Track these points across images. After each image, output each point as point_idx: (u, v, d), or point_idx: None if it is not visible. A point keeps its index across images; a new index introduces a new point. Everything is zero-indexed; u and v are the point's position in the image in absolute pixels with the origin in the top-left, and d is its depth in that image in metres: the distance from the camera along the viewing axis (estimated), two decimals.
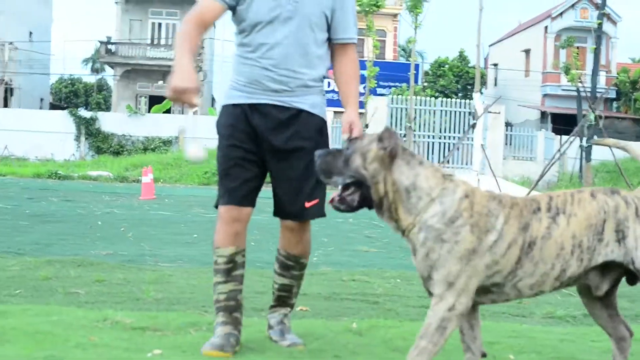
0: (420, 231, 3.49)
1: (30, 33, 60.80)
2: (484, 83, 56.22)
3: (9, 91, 54.83)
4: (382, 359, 4.10)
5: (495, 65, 59.93)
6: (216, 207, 4.28)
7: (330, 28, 4.32)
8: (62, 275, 6.54)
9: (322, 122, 4.34)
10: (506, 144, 36.50)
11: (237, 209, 4.20)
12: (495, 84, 58.93)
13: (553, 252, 3.53)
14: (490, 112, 27.88)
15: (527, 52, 54.44)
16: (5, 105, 53.36)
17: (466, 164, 33.77)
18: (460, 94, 55.00)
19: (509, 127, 39.62)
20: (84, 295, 5.68)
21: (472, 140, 26.47)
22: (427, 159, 33.13)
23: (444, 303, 3.44)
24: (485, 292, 3.57)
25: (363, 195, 3.59)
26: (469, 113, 33.62)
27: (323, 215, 4.34)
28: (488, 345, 4.44)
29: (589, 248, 3.55)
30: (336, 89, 4.43)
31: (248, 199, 4.24)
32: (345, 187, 3.60)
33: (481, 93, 27.34)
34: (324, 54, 4.36)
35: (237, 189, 4.21)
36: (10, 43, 54.00)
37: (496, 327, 5.06)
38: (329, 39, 4.36)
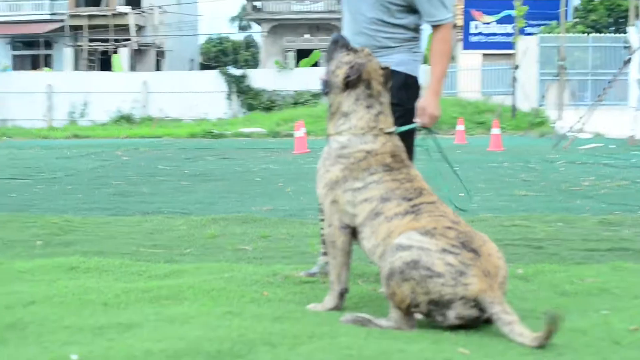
0: (328, 144, 4.09)
1: None
2: (637, 15, 54.24)
3: (160, 54, 56.31)
4: (550, 304, 4.06)
5: None
6: None
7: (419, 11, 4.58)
8: (228, 233, 6.75)
9: (406, 78, 4.55)
10: None
11: None
12: None
13: (381, 233, 3.75)
14: None
15: None
16: (157, 68, 54.87)
17: (622, 100, 32.81)
18: (612, 28, 53.24)
19: None
20: (252, 252, 5.84)
21: (628, 75, 25.62)
22: (581, 97, 32.32)
23: (325, 222, 4.07)
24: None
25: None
26: (624, 47, 32.56)
27: None
28: None
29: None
30: (483, 31, 4.62)
31: None
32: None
33: (635, 25, 26.38)
34: (406, 22, 4.63)
35: None
36: (159, 7, 55.34)
37: None
38: None
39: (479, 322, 3.47)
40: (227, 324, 3.51)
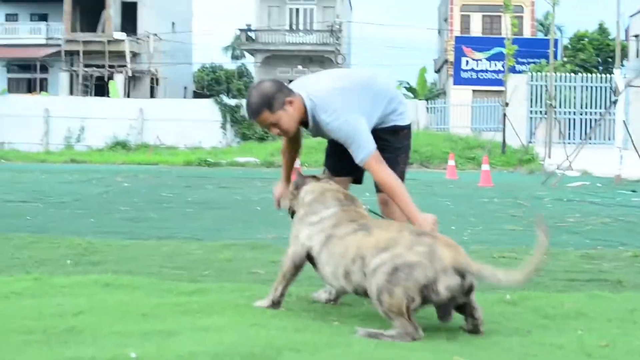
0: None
1: (173, 24, 62.88)
2: (625, 56, 55.13)
3: (154, 81, 56.96)
4: (533, 325, 4.62)
5: (637, 36, 58.55)
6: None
7: None
8: (241, 257, 7.23)
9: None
10: None
11: None
12: (638, 56, 57.61)
13: (337, 252, 4.41)
14: (632, 85, 27.61)
15: None
16: (152, 94, 55.49)
17: (609, 139, 33.47)
18: (601, 67, 54.11)
19: None
20: (265, 275, 6.35)
21: (614, 116, 26.33)
22: (569, 135, 32.90)
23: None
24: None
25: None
26: (611, 88, 33.32)
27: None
28: (629, 313, 4.96)
29: (367, 266, 4.22)
30: (474, 68, 5.18)
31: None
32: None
33: (622, 66, 27.11)
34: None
35: None
36: (155, 35, 56.03)
37: (637, 297, 5.54)
38: None
39: (463, 295, 4.18)
40: (255, 333, 4.06)
